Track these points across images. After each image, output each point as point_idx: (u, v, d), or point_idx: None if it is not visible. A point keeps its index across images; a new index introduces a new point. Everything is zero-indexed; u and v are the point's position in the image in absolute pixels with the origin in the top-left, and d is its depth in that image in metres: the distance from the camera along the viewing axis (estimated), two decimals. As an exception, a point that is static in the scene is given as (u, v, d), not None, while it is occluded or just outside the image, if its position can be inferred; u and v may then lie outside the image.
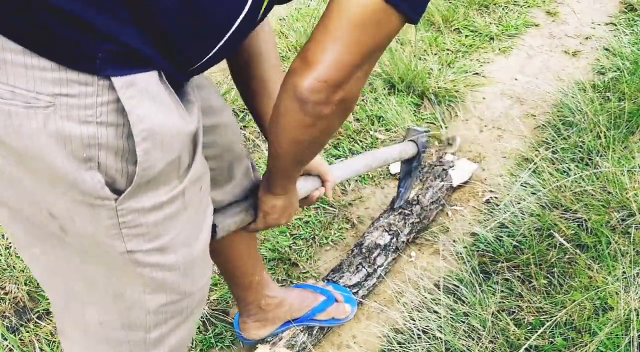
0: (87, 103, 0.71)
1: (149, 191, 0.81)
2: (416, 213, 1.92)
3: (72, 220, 0.80)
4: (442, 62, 2.72)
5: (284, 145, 0.98)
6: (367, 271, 1.75)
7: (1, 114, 0.71)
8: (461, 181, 2.12)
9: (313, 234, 1.98)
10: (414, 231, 1.91)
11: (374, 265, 1.77)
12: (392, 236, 1.84)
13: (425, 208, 1.95)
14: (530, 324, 1.57)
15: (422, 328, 1.58)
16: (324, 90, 0.85)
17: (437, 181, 2.03)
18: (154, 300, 0.92)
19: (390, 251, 1.82)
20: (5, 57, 0.69)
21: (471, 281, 1.71)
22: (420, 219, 1.93)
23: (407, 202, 1.94)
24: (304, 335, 1.59)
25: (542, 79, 2.69)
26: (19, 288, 1.78)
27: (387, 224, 1.88)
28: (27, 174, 0.76)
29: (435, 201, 1.99)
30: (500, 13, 3.14)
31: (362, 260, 1.77)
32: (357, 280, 1.73)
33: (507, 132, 2.40)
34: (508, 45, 2.92)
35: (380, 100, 2.49)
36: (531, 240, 1.78)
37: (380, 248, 1.81)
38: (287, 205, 1.24)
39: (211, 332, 1.68)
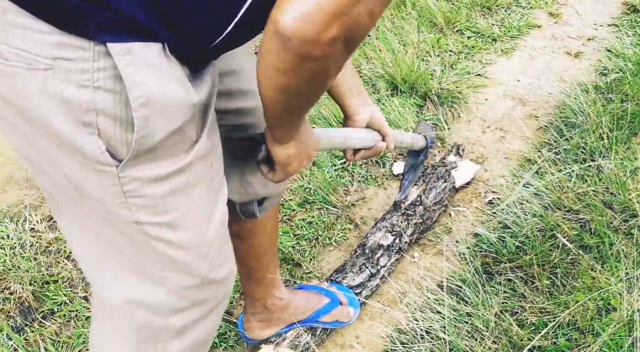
0: (84, 68, 0.72)
1: (152, 161, 0.81)
2: (419, 214, 1.93)
3: (83, 183, 0.81)
4: (445, 64, 2.73)
5: (269, 92, 0.82)
6: (371, 271, 1.76)
7: (6, 76, 0.73)
8: (464, 181, 2.12)
9: (316, 235, 1.98)
10: (417, 231, 1.91)
11: (377, 265, 1.78)
12: (395, 236, 1.85)
13: (429, 209, 1.96)
14: (533, 324, 1.57)
15: (425, 328, 1.58)
16: (313, 22, 0.68)
17: (440, 182, 2.04)
18: (173, 279, 0.92)
19: (394, 252, 1.83)
20: (8, 19, 0.71)
21: (474, 282, 1.71)
22: (424, 220, 1.93)
23: (411, 203, 1.95)
24: (308, 335, 1.59)
25: (544, 80, 2.69)
26: (23, 288, 1.79)
27: (390, 224, 1.88)
28: (39, 133, 0.77)
29: (439, 202, 1.99)
30: (503, 14, 3.15)
31: (365, 261, 1.78)
32: (360, 280, 1.73)
33: (510, 133, 2.40)
34: (510, 47, 2.92)
35: (383, 101, 2.50)
36: (534, 241, 1.79)
37: (384, 249, 1.82)
38: (301, 149, 1.08)
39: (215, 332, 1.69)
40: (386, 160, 2.26)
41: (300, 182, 2.14)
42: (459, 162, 2.16)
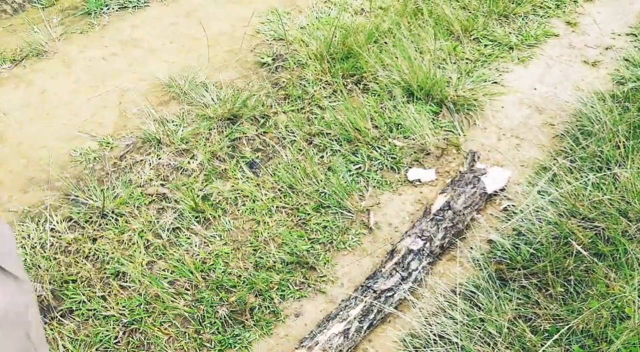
0: None
1: None
2: (449, 218, 1.95)
3: None
4: (461, 71, 2.74)
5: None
6: (401, 275, 1.78)
7: None
8: (497, 187, 2.13)
9: (331, 239, 2.00)
10: (448, 235, 1.93)
11: (408, 269, 1.80)
12: (425, 241, 1.87)
13: (459, 213, 1.98)
14: (546, 331, 1.57)
15: (439, 333, 1.59)
16: None
17: (468, 187, 2.06)
18: None
19: (425, 255, 1.85)
20: None
21: (488, 288, 1.71)
22: (454, 224, 1.95)
23: (440, 209, 1.97)
24: (339, 338, 1.60)
25: (561, 88, 2.69)
26: (43, 287, 1.82)
27: (419, 230, 1.92)
28: None
29: (470, 206, 2.01)
30: (520, 23, 3.15)
31: (395, 265, 1.80)
32: (391, 284, 1.75)
33: (526, 141, 2.40)
34: (527, 55, 2.93)
35: (398, 108, 2.51)
36: (548, 248, 1.79)
37: (414, 253, 1.84)
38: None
39: (229, 333, 1.71)
40: (401, 166, 2.28)
41: (315, 186, 2.16)
42: (489, 169, 2.16)
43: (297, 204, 2.12)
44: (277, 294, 1.83)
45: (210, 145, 2.36)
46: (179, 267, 1.89)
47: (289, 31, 2.99)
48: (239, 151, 2.34)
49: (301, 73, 2.74)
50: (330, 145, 2.36)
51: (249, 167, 2.27)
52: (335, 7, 3.22)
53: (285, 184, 2.18)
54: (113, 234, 1.99)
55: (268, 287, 1.84)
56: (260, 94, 2.60)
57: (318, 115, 2.50)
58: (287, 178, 2.19)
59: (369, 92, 2.64)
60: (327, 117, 2.47)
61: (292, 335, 1.73)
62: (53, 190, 2.18)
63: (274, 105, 2.56)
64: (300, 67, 2.78)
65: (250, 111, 2.49)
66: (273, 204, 2.12)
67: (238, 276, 1.88)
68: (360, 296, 1.73)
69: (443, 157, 2.33)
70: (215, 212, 2.08)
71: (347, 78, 2.70)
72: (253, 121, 2.48)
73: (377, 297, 1.72)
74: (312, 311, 1.80)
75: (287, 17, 3.14)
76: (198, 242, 1.98)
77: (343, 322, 1.65)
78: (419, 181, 2.22)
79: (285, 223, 2.05)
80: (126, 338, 1.72)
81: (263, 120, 2.47)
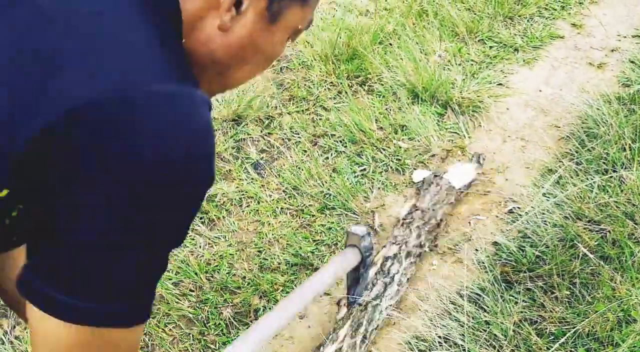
0: None
1: None
2: (418, 217, 1.94)
3: None
4: (466, 73, 2.73)
5: None
6: (384, 281, 1.74)
7: None
8: (465, 182, 2.12)
9: (335, 241, 2.00)
10: (422, 232, 1.90)
11: (389, 274, 1.76)
12: (399, 244, 1.85)
13: (427, 210, 1.96)
14: (552, 334, 1.57)
15: (444, 336, 1.58)
16: None
17: (432, 187, 2.06)
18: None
19: (403, 257, 1.82)
20: None
21: (493, 290, 1.71)
22: (426, 221, 1.94)
23: (408, 213, 1.96)
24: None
25: (566, 90, 2.68)
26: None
27: (392, 237, 1.89)
28: None
29: (439, 202, 2.00)
30: (525, 25, 3.14)
31: (376, 274, 1.76)
32: (376, 293, 1.70)
33: (531, 143, 2.40)
34: (532, 57, 2.92)
35: (403, 109, 2.51)
36: (554, 250, 1.78)
37: (392, 258, 1.81)
38: None
39: (234, 335, 1.71)
40: (406, 168, 2.27)
41: (320, 188, 2.16)
42: (451, 168, 2.17)
43: (301, 205, 2.12)
44: (281, 295, 1.82)
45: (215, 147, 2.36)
46: (183, 268, 1.89)
47: (293, 32, 2.99)
48: (243, 152, 2.34)
49: (306, 74, 2.74)
50: (335, 147, 2.36)
51: (253, 168, 2.27)
52: (340, 9, 3.22)
53: (289, 185, 2.18)
54: (118, 235, 1.99)
55: (273, 289, 1.84)
56: (264, 95, 2.60)
57: (323, 116, 2.50)
58: (292, 179, 2.19)
59: (373, 93, 2.63)
60: (332, 118, 2.47)
61: (297, 337, 1.73)
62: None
63: (278, 106, 2.56)
64: (305, 68, 2.78)
65: (255, 112, 2.49)
66: (277, 205, 2.12)
67: (242, 277, 1.87)
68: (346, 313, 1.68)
69: (448, 158, 2.33)
70: (220, 213, 2.08)
71: (352, 79, 2.70)
72: (258, 122, 2.48)
73: (364, 309, 1.67)
74: (316, 313, 1.80)
75: (292, 18, 3.14)
76: (202, 243, 1.98)
77: (335, 344, 1.59)
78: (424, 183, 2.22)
79: (289, 224, 2.05)
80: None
81: (268, 122, 2.47)
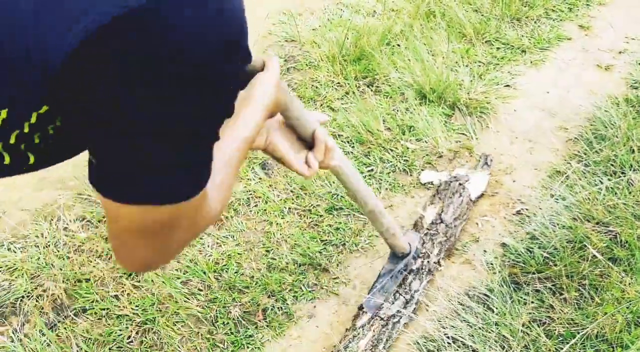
0: None
1: None
2: (442, 232, 1.92)
3: None
4: (474, 74, 2.73)
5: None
6: (405, 298, 1.73)
7: None
8: (478, 193, 2.11)
9: (343, 241, 2.00)
10: (442, 250, 1.89)
11: (411, 291, 1.75)
12: (422, 258, 1.83)
13: (450, 225, 1.94)
14: (561, 335, 1.56)
15: (452, 336, 1.58)
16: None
17: (455, 197, 2.03)
18: None
19: (424, 274, 1.81)
20: None
21: (501, 291, 1.71)
22: (447, 237, 1.92)
23: (432, 222, 1.94)
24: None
25: (574, 92, 2.68)
26: (56, 286, 1.83)
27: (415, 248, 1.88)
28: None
29: (459, 217, 1.98)
30: (533, 26, 3.14)
31: (397, 288, 1.75)
32: (396, 309, 1.70)
33: (539, 144, 2.39)
34: (540, 58, 2.92)
35: (411, 110, 2.51)
36: (562, 252, 1.78)
37: (414, 273, 1.80)
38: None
39: (242, 334, 1.71)
40: (414, 169, 2.27)
41: (328, 188, 2.16)
42: (471, 175, 2.15)
43: (309, 205, 2.12)
44: (289, 295, 1.83)
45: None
46: (191, 267, 1.89)
47: (301, 33, 2.99)
48: (251, 152, 2.34)
49: (313, 74, 2.75)
50: (342, 147, 2.36)
51: (261, 168, 2.27)
52: (347, 9, 3.22)
53: (297, 185, 2.18)
54: (126, 234, 1.99)
55: (281, 288, 1.84)
56: (272, 95, 2.60)
57: (330, 117, 2.50)
58: (300, 179, 2.19)
59: (381, 94, 2.64)
60: (339, 118, 2.47)
61: (305, 337, 1.73)
62: (66, 189, 2.19)
63: (286, 106, 2.55)
64: (312, 69, 2.79)
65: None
66: (285, 205, 2.12)
67: (251, 276, 1.88)
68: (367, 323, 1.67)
69: (455, 160, 2.33)
70: (228, 213, 2.09)
71: (359, 80, 2.70)
72: (265, 122, 2.48)
73: (385, 324, 1.67)
74: (325, 313, 1.80)
75: (299, 19, 3.15)
76: (211, 243, 1.98)
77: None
78: (432, 184, 2.22)
79: (297, 224, 2.05)
80: (139, 337, 1.72)
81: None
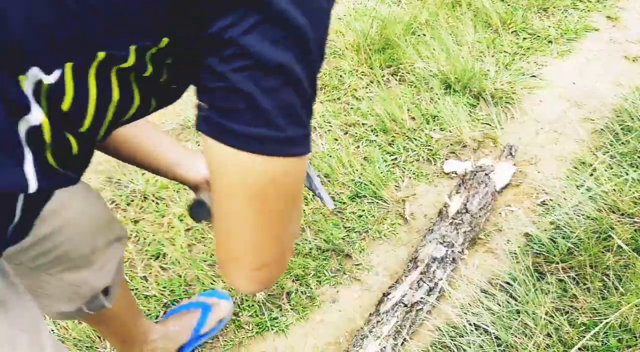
0: None
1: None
2: (467, 222, 1.92)
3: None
4: (499, 64, 2.72)
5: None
6: (429, 285, 1.75)
7: None
8: (503, 184, 2.11)
9: (366, 228, 2.02)
10: (466, 240, 1.90)
11: (435, 278, 1.77)
12: (447, 247, 1.84)
13: (475, 215, 1.95)
14: (584, 324, 1.57)
15: (474, 323, 1.60)
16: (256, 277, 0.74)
17: (481, 187, 2.03)
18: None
19: (448, 263, 1.82)
20: None
21: (525, 280, 1.72)
22: (472, 227, 1.93)
23: (457, 212, 1.95)
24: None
25: (601, 83, 2.66)
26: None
27: (440, 235, 1.89)
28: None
29: (484, 207, 1.99)
30: (560, 16, 3.11)
31: (421, 275, 1.77)
32: (420, 296, 1.71)
33: (564, 135, 2.38)
34: (567, 49, 2.89)
35: (435, 99, 2.51)
36: (587, 242, 1.78)
37: (438, 261, 1.81)
38: None
39: (267, 316, 1.74)
40: (437, 158, 2.28)
41: (351, 176, 2.18)
42: (496, 164, 2.15)
43: (332, 192, 2.14)
44: (313, 280, 1.85)
45: None
46: (217, 251, 1.92)
47: (326, 21, 3.00)
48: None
49: (338, 63, 2.76)
50: (366, 136, 2.37)
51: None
52: (372, -2, 3.22)
53: (321, 173, 2.20)
54: (154, 217, 2.03)
55: (305, 273, 1.87)
56: (297, 84, 2.62)
57: (354, 105, 2.51)
58: (323, 167, 2.21)
59: (405, 83, 2.64)
60: (363, 107, 2.49)
61: (328, 320, 1.76)
62: (97, 173, 2.23)
63: (311, 94, 2.57)
64: (337, 58, 2.80)
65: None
66: (309, 192, 2.14)
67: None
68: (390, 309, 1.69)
69: (480, 150, 2.33)
70: (253, 199, 2.11)
71: (384, 69, 2.71)
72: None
73: (409, 310, 1.69)
74: (347, 298, 1.82)
75: (325, 8, 3.15)
76: (236, 227, 2.01)
77: (378, 340, 1.62)
78: (455, 173, 2.22)
79: (321, 211, 2.08)
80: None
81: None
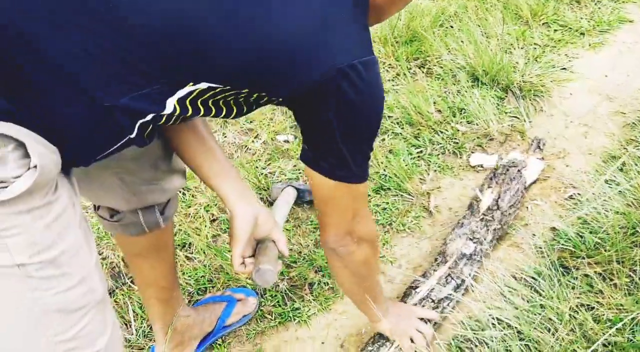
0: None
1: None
2: (497, 219, 1.90)
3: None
4: (529, 57, 2.68)
5: (347, 287, 1.42)
6: (456, 282, 1.74)
7: None
8: (532, 179, 2.08)
9: (390, 220, 2.02)
10: (495, 238, 1.88)
11: (462, 275, 1.75)
12: (476, 244, 1.82)
13: (505, 213, 1.92)
14: (609, 320, 1.55)
15: (497, 317, 1.58)
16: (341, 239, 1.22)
17: (513, 183, 2.00)
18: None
19: (476, 261, 1.80)
20: None
21: (549, 275, 1.69)
22: (501, 225, 1.90)
23: (488, 208, 1.92)
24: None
25: (633, 76, 2.60)
26: (115, 254, 1.92)
27: (470, 231, 1.86)
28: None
29: (514, 205, 1.96)
30: (593, 8, 3.05)
31: (450, 271, 1.76)
32: (447, 292, 1.70)
33: (594, 129, 2.34)
34: (599, 41, 2.84)
35: (462, 92, 2.49)
36: (614, 237, 1.75)
37: (467, 257, 1.79)
38: (399, 319, 1.54)
39: (289, 306, 1.76)
40: (463, 151, 2.26)
41: (376, 168, 2.18)
42: (527, 160, 2.12)
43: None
44: (336, 271, 1.86)
45: (274, 125, 2.41)
46: (242, 241, 1.94)
47: (353, 14, 2.99)
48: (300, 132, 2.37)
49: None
50: (392, 128, 2.36)
51: (311, 147, 2.30)
52: (400, -9, 3.20)
53: (346, 165, 2.20)
54: (180, 207, 2.06)
55: (327, 265, 1.87)
56: (323, 76, 2.62)
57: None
58: (349, 159, 2.21)
59: (432, 75, 2.62)
60: (389, 100, 2.48)
61: (351, 312, 1.76)
62: (124, 164, 2.28)
63: (337, 87, 2.57)
64: (364, 50, 2.79)
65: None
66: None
67: (298, 252, 1.92)
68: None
69: (507, 143, 2.31)
70: (278, 190, 2.13)
71: (410, 61, 2.69)
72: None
73: (436, 306, 1.69)
74: (370, 290, 1.82)
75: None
76: (260, 219, 2.03)
77: None
78: (481, 167, 2.20)
79: (345, 203, 2.08)
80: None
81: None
